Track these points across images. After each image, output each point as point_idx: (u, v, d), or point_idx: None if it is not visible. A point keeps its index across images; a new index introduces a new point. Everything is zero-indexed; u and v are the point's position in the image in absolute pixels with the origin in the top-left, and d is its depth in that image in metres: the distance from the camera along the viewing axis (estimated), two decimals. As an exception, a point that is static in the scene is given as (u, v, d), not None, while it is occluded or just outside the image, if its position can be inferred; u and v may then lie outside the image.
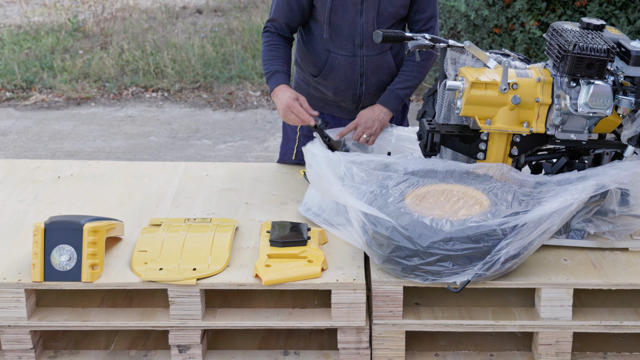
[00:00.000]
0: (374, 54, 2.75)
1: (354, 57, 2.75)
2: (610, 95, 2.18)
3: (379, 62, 2.77)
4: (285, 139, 3.00)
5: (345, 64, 2.76)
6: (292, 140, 2.96)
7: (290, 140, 2.97)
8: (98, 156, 5.58)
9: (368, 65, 2.76)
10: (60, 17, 9.03)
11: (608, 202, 2.24)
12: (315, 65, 2.81)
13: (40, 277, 2.11)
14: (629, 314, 2.18)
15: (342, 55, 2.75)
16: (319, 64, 2.80)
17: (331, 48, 2.75)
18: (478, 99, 2.23)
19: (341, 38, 2.72)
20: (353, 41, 2.71)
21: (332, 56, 2.76)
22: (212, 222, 2.38)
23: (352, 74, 2.78)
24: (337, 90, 2.81)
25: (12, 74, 7.11)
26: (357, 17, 2.68)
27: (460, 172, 2.29)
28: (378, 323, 2.15)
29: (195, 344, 2.16)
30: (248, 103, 6.72)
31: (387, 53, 2.77)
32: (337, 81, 2.80)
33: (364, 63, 2.76)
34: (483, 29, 6.37)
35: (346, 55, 2.75)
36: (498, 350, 2.26)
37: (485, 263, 2.03)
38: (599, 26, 2.31)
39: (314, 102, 2.87)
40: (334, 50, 2.75)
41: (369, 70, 2.77)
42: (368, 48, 2.73)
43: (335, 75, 2.79)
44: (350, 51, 2.74)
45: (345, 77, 2.78)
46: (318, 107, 2.87)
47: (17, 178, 2.79)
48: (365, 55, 2.74)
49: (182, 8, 9.50)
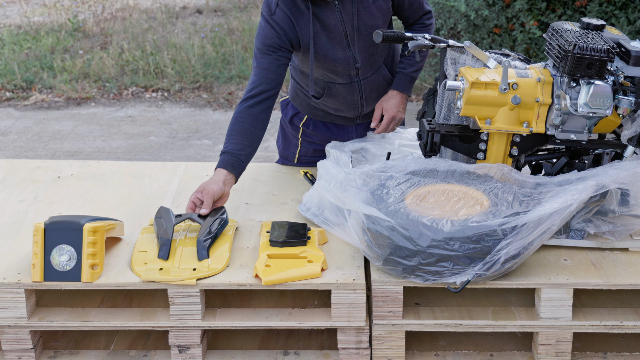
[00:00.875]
0: (370, 75, 2.75)
1: (352, 83, 2.74)
2: (610, 95, 2.18)
3: (375, 80, 2.78)
4: (287, 143, 2.99)
5: (343, 90, 2.76)
6: (293, 145, 2.96)
7: (292, 145, 2.97)
8: (98, 156, 5.58)
9: (366, 86, 2.77)
10: (60, 17, 9.03)
11: (608, 202, 2.25)
12: (314, 90, 2.79)
13: (40, 277, 2.11)
14: (629, 314, 2.18)
15: (340, 84, 2.75)
16: (317, 91, 2.79)
17: (328, 79, 2.75)
18: (478, 99, 2.23)
19: (335, 74, 2.71)
20: (348, 72, 2.71)
21: (329, 85, 2.75)
22: (212, 222, 2.38)
23: (351, 96, 2.78)
24: (339, 109, 2.84)
25: (12, 74, 7.11)
26: (346, 51, 2.65)
27: (461, 172, 2.29)
28: (378, 323, 2.15)
29: (195, 344, 2.16)
30: (248, 103, 6.71)
31: (381, 68, 2.78)
32: (338, 104, 2.81)
33: (361, 86, 2.76)
34: (483, 29, 6.37)
35: (343, 83, 2.74)
36: (498, 350, 2.26)
37: (485, 263, 2.03)
38: (599, 26, 2.31)
39: (315, 112, 2.88)
40: (330, 80, 2.74)
41: (367, 90, 2.78)
42: (363, 72, 2.73)
43: (335, 100, 2.80)
44: (347, 79, 2.73)
45: (345, 100, 2.80)
46: (319, 116, 2.88)
47: (17, 178, 2.79)
48: (362, 79, 2.74)
49: (182, 8, 9.50)
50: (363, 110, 2.84)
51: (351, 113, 2.84)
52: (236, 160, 2.46)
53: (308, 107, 2.88)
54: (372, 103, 2.82)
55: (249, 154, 2.50)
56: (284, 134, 3.01)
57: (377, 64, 2.75)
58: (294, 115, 2.93)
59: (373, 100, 2.81)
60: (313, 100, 2.84)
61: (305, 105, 2.88)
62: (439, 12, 6.49)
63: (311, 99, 2.83)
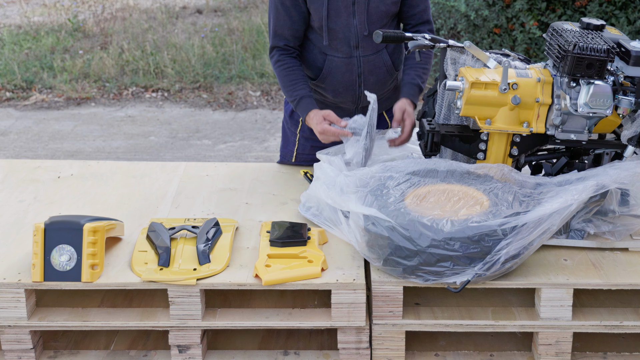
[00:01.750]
0: (370, 54, 2.76)
1: (351, 59, 2.75)
2: (610, 95, 2.18)
3: (375, 62, 2.78)
4: (285, 141, 3.00)
5: (342, 65, 2.76)
6: (291, 143, 2.96)
7: (290, 143, 2.97)
8: (98, 156, 5.58)
9: (365, 65, 2.77)
10: (60, 17, 9.03)
11: (608, 202, 2.25)
12: (312, 69, 2.81)
13: (40, 277, 2.11)
14: (629, 314, 2.18)
15: (339, 58, 2.75)
16: (316, 68, 2.80)
17: (327, 51, 2.76)
18: (478, 99, 2.23)
19: (336, 41, 2.72)
20: (348, 43, 2.72)
21: (328, 59, 2.76)
22: (212, 222, 2.38)
23: (349, 75, 2.78)
24: (336, 92, 2.82)
25: (12, 74, 7.11)
26: (350, 19, 2.69)
27: (461, 172, 2.29)
28: (378, 323, 2.15)
29: (195, 344, 2.16)
30: (248, 103, 6.72)
31: (383, 52, 2.78)
32: (336, 83, 2.80)
33: (360, 64, 2.76)
34: (483, 29, 6.37)
35: (343, 57, 2.75)
36: (498, 350, 2.26)
37: (485, 263, 2.03)
38: (599, 26, 2.31)
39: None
40: (330, 53, 2.75)
41: (366, 71, 2.78)
42: (364, 49, 2.74)
43: (334, 78, 2.79)
44: (347, 53, 2.74)
45: (343, 78, 2.79)
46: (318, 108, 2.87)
47: (17, 178, 2.79)
48: (362, 55, 2.75)
49: (182, 8, 9.50)
50: (361, 96, 2.83)
51: (349, 99, 2.83)
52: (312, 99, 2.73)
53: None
54: (369, 88, 2.80)
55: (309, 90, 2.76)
56: (284, 131, 3.01)
57: (379, 46, 2.77)
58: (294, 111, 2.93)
59: (371, 85, 2.81)
60: (312, 89, 2.84)
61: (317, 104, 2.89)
62: (439, 12, 6.49)
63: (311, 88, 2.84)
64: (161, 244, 2.21)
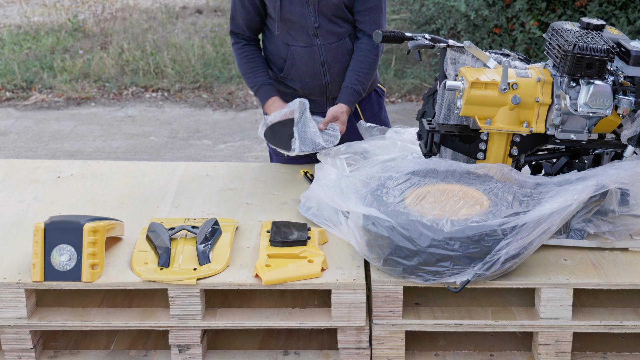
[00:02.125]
0: (332, 42, 2.80)
1: (312, 47, 2.81)
2: (610, 95, 2.18)
3: (338, 50, 2.82)
4: None
5: (304, 54, 2.82)
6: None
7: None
8: (98, 156, 5.58)
9: (327, 54, 2.82)
10: (60, 17, 9.03)
11: (608, 202, 2.25)
12: (277, 60, 2.88)
13: (40, 277, 2.11)
14: (629, 314, 2.19)
15: (300, 47, 2.81)
16: (281, 59, 2.87)
17: (289, 41, 2.82)
18: (478, 99, 2.23)
19: (295, 31, 2.78)
20: (307, 32, 2.78)
21: (291, 49, 2.82)
22: (212, 222, 2.38)
23: (313, 64, 2.83)
24: (304, 83, 2.88)
25: (12, 74, 7.11)
26: (304, 8, 2.74)
27: (461, 172, 2.29)
28: (378, 323, 2.15)
29: (195, 344, 2.16)
30: (248, 103, 6.72)
31: (345, 40, 2.82)
32: (301, 73, 2.86)
33: (322, 52, 2.81)
34: (483, 29, 6.37)
35: (304, 46, 2.81)
36: (498, 350, 2.26)
37: (485, 263, 2.03)
38: (599, 26, 2.31)
39: (284, 98, 2.91)
40: (292, 43, 2.81)
41: (329, 59, 2.83)
42: (323, 37, 2.79)
43: (298, 68, 2.85)
44: (307, 42, 2.80)
45: (307, 68, 2.84)
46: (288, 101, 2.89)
47: (17, 178, 2.79)
48: (322, 44, 2.80)
49: (182, 8, 9.50)
50: (328, 86, 2.87)
51: (317, 89, 2.88)
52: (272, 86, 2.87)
53: (279, 93, 2.92)
54: (335, 77, 2.86)
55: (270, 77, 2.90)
56: None
57: (341, 34, 2.80)
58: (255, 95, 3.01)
59: (336, 74, 2.85)
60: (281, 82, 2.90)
61: (278, 92, 2.93)
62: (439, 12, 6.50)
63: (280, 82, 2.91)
64: (161, 244, 2.21)
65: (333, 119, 2.75)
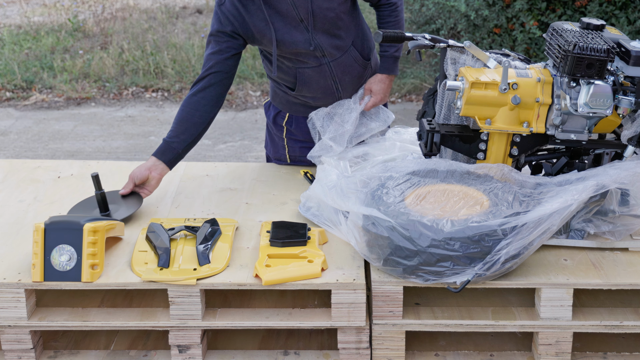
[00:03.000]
0: (338, 57, 2.74)
1: (321, 66, 2.73)
2: (610, 95, 2.18)
3: (345, 62, 2.77)
4: (275, 146, 2.99)
5: (314, 74, 2.75)
6: (281, 147, 2.95)
7: (279, 147, 2.96)
8: (98, 156, 5.58)
9: (337, 68, 2.75)
10: (60, 17, 9.03)
11: (608, 202, 2.25)
12: (286, 81, 2.80)
13: (40, 277, 2.11)
14: (629, 314, 2.19)
15: (309, 68, 2.73)
16: (289, 81, 2.79)
17: (295, 64, 2.74)
18: (478, 99, 2.23)
19: (301, 57, 2.71)
20: (314, 55, 2.70)
21: (299, 71, 2.74)
22: (212, 222, 2.38)
23: (324, 81, 2.77)
24: (316, 98, 2.82)
25: (12, 74, 7.11)
26: (305, 34, 2.65)
27: (461, 172, 2.29)
28: (378, 323, 2.15)
29: (195, 344, 2.16)
30: (248, 103, 6.72)
31: (350, 50, 2.76)
32: (313, 90, 2.80)
33: (332, 68, 2.75)
34: (483, 29, 6.37)
35: (313, 67, 2.73)
36: (498, 350, 2.26)
37: (485, 263, 2.03)
38: (599, 26, 2.31)
39: (295, 109, 2.87)
40: (299, 65, 2.73)
41: (339, 73, 2.77)
42: (330, 54, 2.72)
43: (310, 87, 2.78)
44: (315, 62, 2.72)
45: (318, 86, 2.78)
46: (300, 112, 2.87)
47: (17, 178, 2.79)
48: (331, 60, 2.73)
49: (182, 8, 9.50)
50: (341, 97, 2.82)
51: (330, 101, 2.83)
52: (167, 147, 2.58)
53: (288, 104, 2.88)
54: (347, 87, 2.81)
55: (183, 140, 2.59)
56: (270, 137, 3.01)
57: (345, 46, 2.74)
58: (276, 115, 2.93)
59: (348, 84, 2.80)
60: (291, 95, 2.84)
61: (285, 103, 2.88)
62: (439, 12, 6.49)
63: (289, 94, 2.84)
64: (161, 245, 2.21)
65: (368, 92, 2.78)
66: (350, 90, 2.83)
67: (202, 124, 2.62)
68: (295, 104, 2.87)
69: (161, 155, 2.58)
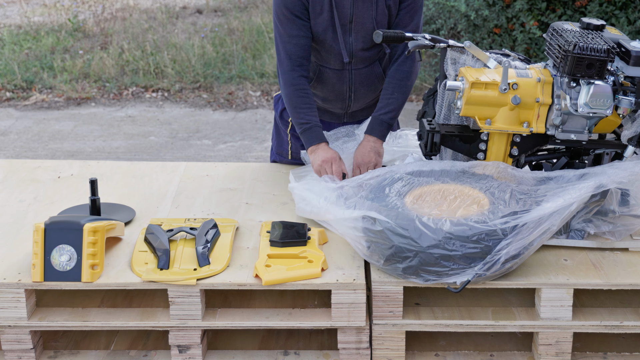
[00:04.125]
0: (362, 67, 2.74)
1: (343, 71, 2.74)
2: (610, 96, 2.18)
3: (367, 74, 2.77)
4: (279, 140, 3.00)
5: (333, 76, 2.75)
6: (285, 142, 2.96)
7: (284, 142, 2.97)
8: (98, 156, 5.58)
9: (356, 77, 2.76)
10: (60, 17, 9.03)
11: (608, 202, 2.25)
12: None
13: (40, 277, 2.11)
14: (629, 314, 2.19)
15: (331, 69, 2.74)
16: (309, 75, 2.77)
17: (319, 60, 2.74)
18: (478, 99, 2.23)
19: (331, 55, 2.71)
20: (341, 59, 2.70)
21: (321, 69, 2.75)
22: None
23: (340, 85, 2.77)
24: (326, 99, 2.82)
25: (12, 74, 7.11)
26: (346, 36, 2.66)
27: (459, 171, 2.29)
28: (378, 323, 2.15)
29: (195, 344, 2.16)
30: (248, 103, 6.72)
31: (375, 64, 2.77)
32: (326, 92, 2.80)
33: (352, 76, 2.75)
34: (483, 29, 6.37)
35: (335, 69, 2.74)
36: (498, 350, 2.26)
37: (485, 263, 2.03)
38: (599, 26, 2.31)
39: None
40: (322, 63, 2.74)
41: (357, 82, 2.77)
42: (357, 62, 2.72)
43: (324, 87, 2.79)
44: (339, 65, 2.73)
45: (333, 88, 2.78)
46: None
47: (17, 178, 2.79)
48: (354, 69, 2.73)
49: (182, 8, 9.50)
50: (351, 105, 2.82)
51: (339, 106, 2.83)
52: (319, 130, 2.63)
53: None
54: (360, 98, 2.81)
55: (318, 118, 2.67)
56: (277, 130, 3.01)
57: (372, 58, 2.75)
58: (283, 110, 2.94)
59: (361, 95, 2.80)
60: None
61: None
62: (439, 12, 6.49)
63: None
64: (160, 246, 2.21)
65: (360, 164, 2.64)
66: (361, 101, 2.83)
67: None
68: None
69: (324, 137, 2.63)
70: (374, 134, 2.66)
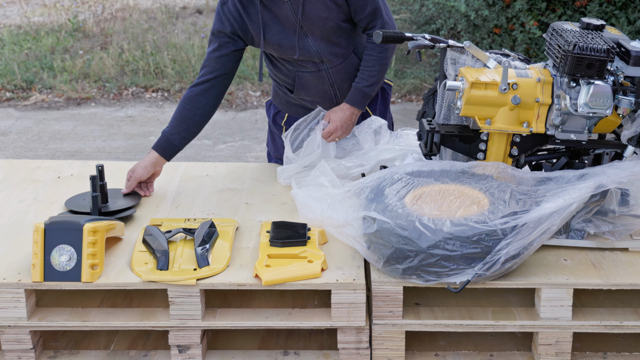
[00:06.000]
0: (338, 64, 2.74)
1: (320, 72, 2.74)
2: (610, 95, 2.18)
3: (345, 69, 2.76)
4: (276, 145, 3.00)
5: (312, 79, 2.76)
6: (281, 146, 2.96)
7: (279, 146, 2.97)
8: (98, 156, 5.58)
9: (335, 75, 2.76)
10: (60, 17, 9.03)
11: (608, 202, 2.25)
12: (286, 83, 2.82)
13: (40, 277, 2.11)
14: (629, 314, 2.18)
15: (308, 72, 2.74)
16: (288, 83, 2.81)
17: (296, 68, 2.75)
18: (478, 99, 2.23)
19: (301, 60, 2.71)
20: (311, 60, 2.71)
21: (298, 74, 2.75)
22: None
23: (322, 86, 2.78)
24: (314, 102, 2.83)
25: (12, 74, 7.11)
26: (304, 40, 2.65)
27: (459, 171, 2.29)
28: (378, 323, 2.15)
29: (195, 344, 2.16)
30: (248, 103, 6.72)
31: (350, 57, 2.76)
32: (311, 95, 2.81)
33: (330, 75, 2.75)
34: (483, 29, 6.37)
35: (311, 71, 2.74)
36: (498, 350, 2.26)
37: (485, 263, 2.03)
38: (599, 26, 2.31)
39: (294, 109, 2.89)
40: (298, 69, 2.74)
41: (338, 79, 2.77)
42: (329, 61, 2.72)
43: (308, 91, 2.79)
44: (314, 67, 2.73)
45: (317, 90, 2.79)
46: (299, 113, 2.87)
47: (17, 178, 2.79)
48: (329, 67, 2.73)
49: (182, 8, 9.50)
50: (339, 101, 2.82)
51: (328, 105, 2.83)
52: (168, 143, 2.68)
53: (287, 104, 2.90)
54: (346, 93, 2.80)
55: (184, 138, 2.70)
56: (272, 135, 3.03)
57: (345, 54, 2.74)
58: (276, 114, 2.96)
59: (346, 90, 2.80)
60: (290, 96, 2.85)
61: (285, 103, 2.90)
62: (439, 12, 6.50)
63: (289, 95, 2.84)
64: (159, 247, 2.21)
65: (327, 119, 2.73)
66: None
67: (202, 122, 2.72)
68: (294, 105, 2.88)
69: (163, 151, 2.68)
70: (355, 105, 2.74)
